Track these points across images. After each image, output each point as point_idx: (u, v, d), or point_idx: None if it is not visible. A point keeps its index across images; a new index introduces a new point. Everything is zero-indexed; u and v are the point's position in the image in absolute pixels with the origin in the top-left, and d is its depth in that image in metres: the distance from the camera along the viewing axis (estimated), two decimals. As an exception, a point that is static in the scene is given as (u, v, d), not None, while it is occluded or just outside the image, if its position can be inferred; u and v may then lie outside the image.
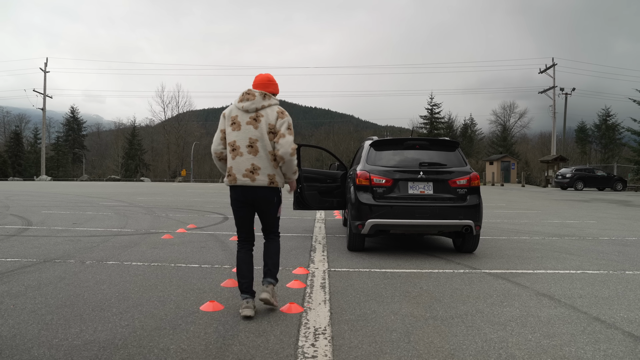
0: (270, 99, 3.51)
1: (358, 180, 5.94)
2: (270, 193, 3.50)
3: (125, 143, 74.39)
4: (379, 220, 5.73)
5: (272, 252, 3.68)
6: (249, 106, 3.46)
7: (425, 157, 6.05)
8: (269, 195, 3.51)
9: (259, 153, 3.43)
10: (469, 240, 6.13)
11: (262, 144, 3.43)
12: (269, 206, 3.57)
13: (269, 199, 3.52)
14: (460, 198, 5.84)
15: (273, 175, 3.48)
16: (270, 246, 3.70)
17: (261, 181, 3.43)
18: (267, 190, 3.48)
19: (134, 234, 7.53)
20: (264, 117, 3.45)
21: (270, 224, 3.69)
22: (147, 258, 5.49)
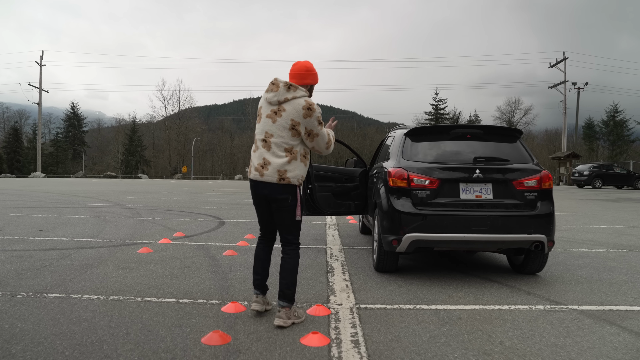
0: (295, 90, 3.16)
1: (392, 180, 4.47)
2: (279, 191, 3.15)
3: (125, 139, 73.15)
4: (421, 234, 4.26)
5: (287, 269, 3.24)
6: (272, 98, 3.20)
7: (481, 150, 4.57)
8: (279, 194, 3.15)
9: (272, 149, 3.15)
10: (534, 259, 4.66)
11: (277, 140, 3.14)
12: (280, 206, 3.20)
13: (279, 198, 3.17)
14: (529, 205, 4.36)
15: (284, 172, 3.11)
16: (285, 262, 3.27)
17: (269, 177, 3.13)
18: (276, 187, 3.14)
19: (105, 245, 6.08)
20: (286, 112, 3.14)
21: (284, 229, 3.28)
22: (107, 287, 4.04)
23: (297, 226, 3.28)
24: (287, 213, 3.20)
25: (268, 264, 3.45)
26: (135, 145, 72.75)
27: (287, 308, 3.19)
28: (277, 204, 3.18)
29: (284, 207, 3.18)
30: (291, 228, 3.25)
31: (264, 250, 3.44)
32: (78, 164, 72.73)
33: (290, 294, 3.21)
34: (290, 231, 3.26)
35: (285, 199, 3.16)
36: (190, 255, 5.50)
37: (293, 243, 3.28)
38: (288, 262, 3.24)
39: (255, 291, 3.40)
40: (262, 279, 3.39)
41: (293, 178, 3.13)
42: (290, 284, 3.21)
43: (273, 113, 3.16)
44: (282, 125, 3.12)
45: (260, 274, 3.39)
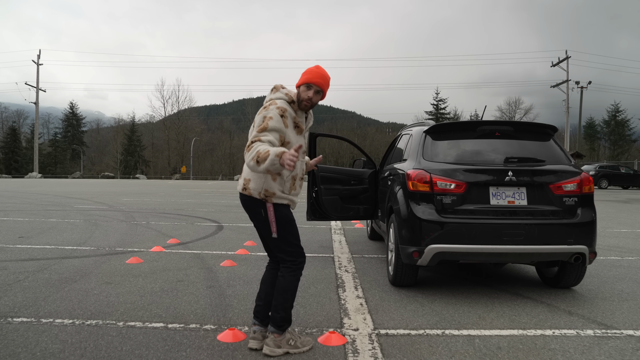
0: (275, 92, 2.80)
1: (411, 184, 3.93)
2: (246, 201, 2.79)
3: (124, 139, 72.63)
4: (445, 245, 3.73)
5: (278, 289, 2.80)
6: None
7: (512, 150, 4.04)
8: (247, 205, 2.80)
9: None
10: (571, 271, 4.13)
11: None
12: (254, 220, 2.81)
13: (249, 210, 2.80)
14: (568, 211, 3.83)
15: (248, 180, 2.74)
16: (279, 280, 2.82)
17: (239, 186, 2.83)
18: (242, 197, 2.81)
19: (91, 254, 5.54)
20: None
21: (272, 246, 2.84)
22: (85, 308, 3.49)
23: (285, 242, 2.75)
24: (263, 229, 2.77)
25: (273, 288, 2.90)
26: (134, 145, 72.25)
27: (277, 335, 2.74)
28: (252, 216, 2.79)
29: (257, 220, 2.77)
30: (277, 245, 2.77)
31: (270, 274, 2.93)
32: (77, 164, 72.20)
33: (279, 319, 2.75)
34: (279, 248, 2.78)
35: (255, 213, 2.74)
36: (184, 267, 4.96)
37: (287, 261, 2.78)
38: (280, 281, 2.79)
39: (254, 321, 2.88)
40: (263, 307, 2.87)
41: (253, 190, 2.69)
42: (279, 306, 2.75)
43: None
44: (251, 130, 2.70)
45: (263, 301, 2.88)
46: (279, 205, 2.70)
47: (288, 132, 2.65)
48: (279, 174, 2.67)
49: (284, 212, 2.72)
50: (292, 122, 2.70)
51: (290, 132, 2.67)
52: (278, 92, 2.77)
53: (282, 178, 2.69)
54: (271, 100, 2.72)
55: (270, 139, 2.52)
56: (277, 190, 2.68)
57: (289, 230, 2.72)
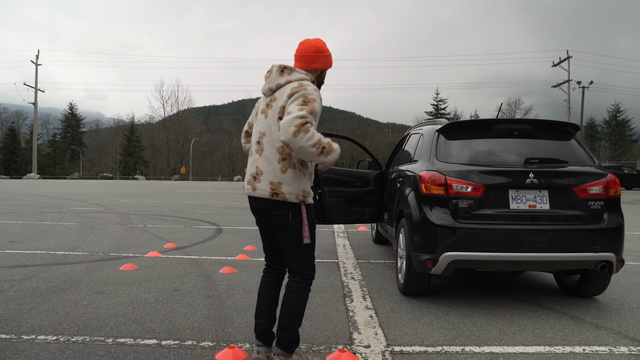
0: (291, 73, 2.43)
1: (424, 186, 3.66)
2: (275, 208, 2.39)
3: (123, 140, 72.38)
4: (462, 253, 3.46)
5: (287, 306, 2.47)
6: (265, 88, 2.51)
7: (532, 150, 3.77)
8: (275, 211, 2.40)
9: (264, 152, 2.41)
10: (595, 280, 3.86)
11: (269, 138, 2.40)
12: (280, 224, 2.42)
13: (277, 217, 2.40)
14: (594, 216, 3.56)
15: (278, 184, 2.36)
16: (285, 297, 2.49)
17: (261, 191, 2.40)
18: (269, 203, 2.40)
19: (83, 260, 5.26)
20: (276, 101, 2.40)
21: (288, 255, 2.47)
22: (72, 322, 3.22)
23: (306, 253, 2.45)
24: (289, 234, 2.41)
25: (275, 304, 2.62)
26: (133, 146, 72.00)
27: (284, 357, 2.46)
28: (276, 221, 2.43)
29: (284, 225, 2.40)
30: (296, 254, 2.44)
31: (270, 286, 2.62)
32: (76, 165, 71.92)
33: (287, 340, 2.45)
34: (296, 258, 2.45)
35: (284, 215, 2.38)
36: (181, 274, 4.69)
37: (299, 273, 2.46)
38: (288, 297, 2.46)
39: (257, 342, 2.57)
40: (266, 324, 2.56)
41: (289, 194, 2.35)
42: (287, 326, 2.45)
43: (266, 106, 2.47)
44: (273, 118, 2.38)
45: (264, 319, 2.56)
46: (310, 206, 2.44)
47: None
48: (307, 168, 2.43)
49: (313, 214, 2.47)
50: None
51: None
52: (295, 72, 2.42)
53: (310, 172, 2.45)
54: (299, 82, 2.36)
55: (315, 125, 2.28)
56: (309, 188, 2.42)
57: (314, 237, 2.47)
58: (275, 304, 2.61)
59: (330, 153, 2.24)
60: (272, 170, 2.35)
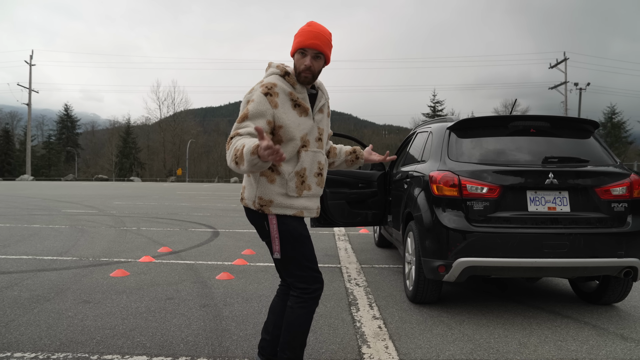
0: (267, 70, 2.20)
1: (436, 187, 3.42)
2: (247, 214, 2.23)
3: (119, 141, 71.93)
4: (477, 259, 3.22)
5: (287, 321, 2.20)
6: None
7: (550, 148, 3.53)
8: (249, 217, 2.23)
9: None
10: (615, 286, 3.63)
11: None
12: (259, 235, 2.26)
13: (253, 223, 2.23)
14: (617, 219, 3.33)
15: (243, 188, 2.24)
16: (286, 311, 2.22)
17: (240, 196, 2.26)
18: (245, 210, 2.23)
19: (71, 266, 4.99)
20: None
21: (280, 268, 2.24)
22: (54, 336, 2.95)
23: (291, 265, 2.14)
24: (268, 246, 2.20)
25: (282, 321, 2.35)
26: (129, 147, 71.57)
27: None
28: (256, 230, 2.26)
29: (262, 236, 2.23)
30: (288, 267, 2.16)
31: (281, 300, 2.35)
32: (71, 167, 71.36)
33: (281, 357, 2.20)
34: (287, 272, 2.18)
35: (260, 224, 2.18)
36: (175, 280, 4.42)
37: (297, 287, 2.16)
38: (287, 313, 2.20)
39: (259, 358, 2.37)
40: (270, 342, 2.33)
41: (247, 199, 2.16)
42: (284, 345, 2.18)
43: None
44: None
45: (270, 335, 2.33)
46: (282, 217, 2.10)
47: (279, 114, 2.01)
48: (277, 172, 2.06)
49: (291, 226, 2.10)
50: (289, 99, 2.06)
51: (284, 112, 2.03)
52: (270, 68, 2.17)
53: (283, 177, 2.06)
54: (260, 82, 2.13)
55: (252, 130, 1.93)
56: (276, 196, 2.08)
57: (298, 249, 2.11)
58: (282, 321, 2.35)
59: (243, 159, 1.78)
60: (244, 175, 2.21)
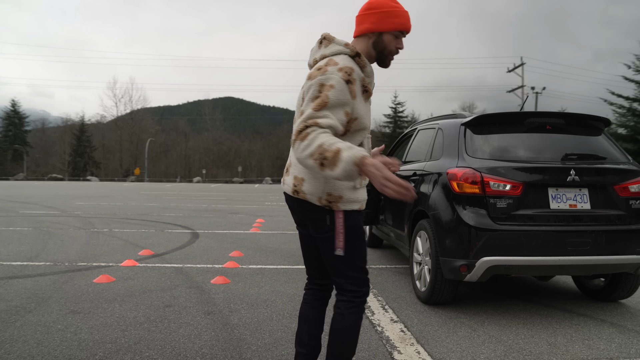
0: (328, 45, 1.89)
1: (457, 185, 3.30)
2: (306, 209, 1.90)
3: (72, 140, 68.65)
4: (501, 258, 3.12)
5: (337, 330, 1.95)
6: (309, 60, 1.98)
7: (567, 145, 3.49)
8: (308, 213, 1.90)
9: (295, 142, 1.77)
10: (625, 283, 3.65)
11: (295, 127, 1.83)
12: (315, 233, 1.93)
13: (311, 220, 1.91)
14: (635, 216, 3.32)
15: (300, 180, 1.88)
16: (335, 319, 1.96)
17: (287, 185, 1.95)
18: (297, 202, 1.92)
19: (47, 272, 4.54)
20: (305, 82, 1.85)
21: (329, 268, 1.97)
22: (48, 353, 2.59)
23: (351, 265, 1.92)
24: (325, 243, 1.91)
25: (320, 328, 2.13)
26: (83, 146, 68.46)
27: None
28: (312, 226, 1.93)
29: (320, 232, 1.91)
30: (337, 267, 1.92)
31: (313, 306, 2.12)
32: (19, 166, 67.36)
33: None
34: (338, 272, 1.93)
35: (320, 219, 1.88)
36: (168, 286, 4.09)
37: (347, 291, 1.94)
38: (337, 321, 1.95)
39: None
40: (308, 354, 2.09)
41: (310, 194, 1.85)
42: (337, 357, 1.96)
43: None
44: (299, 104, 1.89)
45: (307, 347, 2.08)
46: (350, 212, 1.87)
47: (356, 105, 1.80)
48: None
49: (356, 221, 1.90)
50: (361, 86, 1.82)
51: (359, 102, 1.81)
52: (333, 44, 1.87)
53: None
54: (327, 59, 1.82)
55: (332, 122, 1.68)
56: (346, 190, 1.85)
57: (358, 247, 1.90)
58: (320, 328, 2.13)
59: (336, 165, 1.58)
60: (295, 163, 1.91)
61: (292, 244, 6.53)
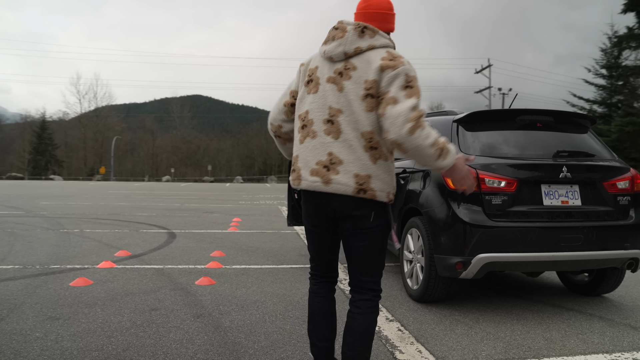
0: (373, 36, 1.87)
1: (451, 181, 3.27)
2: (357, 207, 1.83)
3: (33, 137, 65.85)
4: (497, 254, 3.12)
5: (359, 330, 1.89)
6: (334, 50, 1.87)
7: (557, 143, 3.53)
8: (356, 211, 1.83)
9: (343, 135, 1.81)
10: (611, 277, 3.73)
11: (350, 118, 1.80)
12: (357, 227, 1.87)
13: (356, 217, 1.85)
14: (622, 212, 3.40)
15: (366, 178, 1.80)
16: (355, 318, 1.91)
17: (341, 185, 1.80)
18: (351, 202, 1.82)
19: (17, 276, 4.26)
20: (357, 71, 1.82)
21: (360, 265, 1.92)
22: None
23: (381, 262, 1.98)
24: (365, 239, 1.89)
25: (335, 320, 2.11)
26: (44, 144, 65.80)
27: None
28: (352, 222, 1.88)
29: (363, 228, 1.88)
30: (371, 265, 1.93)
31: (329, 300, 2.08)
32: (-26, 165, 64.14)
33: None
34: (370, 270, 1.94)
35: (366, 215, 1.86)
36: (151, 288, 3.91)
37: (370, 290, 1.94)
38: (358, 320, 1.92)
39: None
40: (329, 347, 2.07)
41: (380, 191, 1.84)
42: (357, 357, 1.91)
43: (338, 75, 1.86)
44: (354, 94, 1.82)
45: (328, 340, 2.06)
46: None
47: None
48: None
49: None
50: None
51: None
52: (378, 36, 1.89)
53: None
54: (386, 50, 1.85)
55: None
56: None
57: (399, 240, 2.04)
58: (335, 318, 2.13)
59: (447, 156, 1.77)
60: (356, 160, 1.80)
61: (273, 243, 6.41)
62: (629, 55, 28.75)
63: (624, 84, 28.67)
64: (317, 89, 1.90)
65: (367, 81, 1.80)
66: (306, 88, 1.94)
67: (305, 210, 1.99)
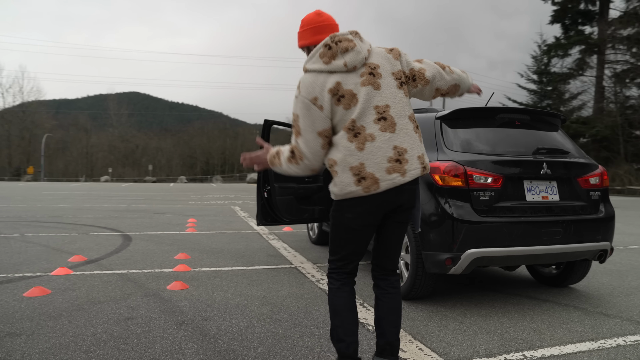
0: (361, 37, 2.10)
1: (439, 177, 3.28)
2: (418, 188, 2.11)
3: (-54, 134, 59.89)
4: (485, 249, 3.17)
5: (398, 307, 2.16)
6: (356, 58, 1.99)
7: (534, 140, 3.64)
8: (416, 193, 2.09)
9: (398, 126, 1.98)
10: (579, 268, 3.92)
11: (397, 108, 2.00)
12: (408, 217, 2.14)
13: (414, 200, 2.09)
14: (594, 206, 3.57)
15: (423, 156, 2.04)
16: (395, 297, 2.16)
17: (413, 172, 1.97)
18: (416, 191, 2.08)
19: (-41, 287, 3.78)
20: (381, 68, 2.03)
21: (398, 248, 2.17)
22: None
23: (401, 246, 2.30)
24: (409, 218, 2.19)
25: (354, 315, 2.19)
26: (-39, 141, 60.05)
27: None
28: (405, 214, 2.12)
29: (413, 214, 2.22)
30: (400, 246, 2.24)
31: (351, 295, 2.17)
32: None
33: (398, 347, 2.17)
34: (399, 251, 2.23)
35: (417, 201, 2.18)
36: (120, 295, 3.61)
37: (393, 271, 2.24)
38: (396, 298, 2.19)
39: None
40: (356, 341, 2.15)
41: (429, 163, 2.21)
42: (398, 333, 2.18)
43: (369, 76, 2.01)
44: (392, 86, 2.04)
45: (355, 334, 2.14)
46: None
47: None
48: None
49: None
50: None
51: None
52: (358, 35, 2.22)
53: None
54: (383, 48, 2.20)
55: None
56: None
57: None
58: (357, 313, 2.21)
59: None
60: (414, 143, 2.01)
61: (237, 244, 6.20)
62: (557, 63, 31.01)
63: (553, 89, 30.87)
64: (355, 100, 1.96)
65: (394, 73, 2.06)
66: (341, 106, 1.96)
67: (362, 211, 1.99)
